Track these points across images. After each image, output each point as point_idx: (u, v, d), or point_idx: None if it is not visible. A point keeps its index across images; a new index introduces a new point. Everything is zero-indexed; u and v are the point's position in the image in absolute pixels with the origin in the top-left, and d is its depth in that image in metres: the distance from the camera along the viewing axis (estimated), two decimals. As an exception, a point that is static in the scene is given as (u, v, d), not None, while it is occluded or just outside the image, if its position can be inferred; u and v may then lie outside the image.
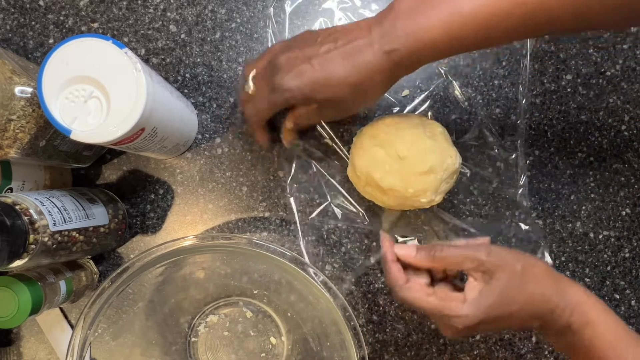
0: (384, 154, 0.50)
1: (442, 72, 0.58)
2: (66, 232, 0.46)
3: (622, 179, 0.59)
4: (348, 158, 0.56)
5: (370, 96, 0.47)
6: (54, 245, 0.44)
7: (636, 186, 0.59)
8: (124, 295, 0.49)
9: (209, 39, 0.58)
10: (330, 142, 0.57)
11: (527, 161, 0.58)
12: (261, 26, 0.58)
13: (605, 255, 0.58)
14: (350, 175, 0.54)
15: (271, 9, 0.58)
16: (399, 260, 0.45)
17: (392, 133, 0.50)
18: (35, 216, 0.43)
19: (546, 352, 0.58)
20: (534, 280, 0.41)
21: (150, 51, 0.57)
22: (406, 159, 0.49)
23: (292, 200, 0.57)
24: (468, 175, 0.57)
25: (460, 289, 0.44)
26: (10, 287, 0.45)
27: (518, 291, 0.41)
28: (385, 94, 0.58)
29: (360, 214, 0.57)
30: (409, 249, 0.45)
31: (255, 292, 0.57)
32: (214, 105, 0.58)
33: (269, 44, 0.58)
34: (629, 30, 0.59)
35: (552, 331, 0.42)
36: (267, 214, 0.58)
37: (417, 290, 0.43)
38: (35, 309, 0.46)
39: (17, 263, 0.42)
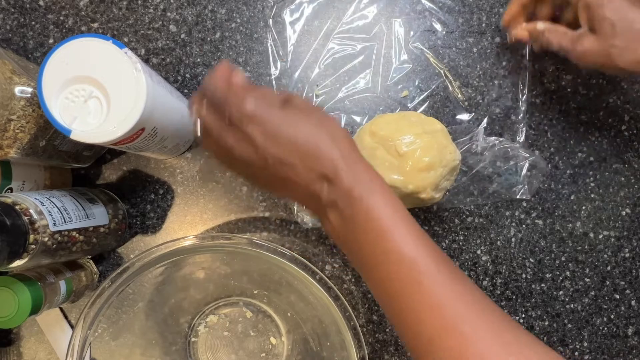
0: (383, 151, 0.50)
1: (442, 72, 0.58)
2: (66, 232, 0.46)
3: (622, 179, 0.59)
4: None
5: None
6: (54, 245, 0.44)
7: (636, 186, 0.59)
8: (124, 295, 0.49)
9: (209, 39, 0.58)
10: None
11: (528, 161, 0.57)
12: (261, 26, 0.58)
13: (605, 255, 0.58)
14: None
15: (270, 20, 0.58)
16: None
17: (391, 130, 0.50)
18: (35, 216, 0.43)
19: (546, 352, 0.58)
20: (331, 133, 0.39)
21: (150, 51, 0.57)
22: (405, 155, 0.49)
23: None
24: (468, 175, 0.57)
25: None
26: (10, 287, 0.45)
27: (307, 125, 0.38)
28: (385, 94, 0.58)
29: None
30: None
31: (255, 292, 0.57)
32: (214, 105, 0.58)
33: (270, 55, 0.57)
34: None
35: (331, 197, 0.39)
36: (267, 214, 0.58)
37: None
38: (35, 309, 0.46)
39: (17, 263, 0.42)
